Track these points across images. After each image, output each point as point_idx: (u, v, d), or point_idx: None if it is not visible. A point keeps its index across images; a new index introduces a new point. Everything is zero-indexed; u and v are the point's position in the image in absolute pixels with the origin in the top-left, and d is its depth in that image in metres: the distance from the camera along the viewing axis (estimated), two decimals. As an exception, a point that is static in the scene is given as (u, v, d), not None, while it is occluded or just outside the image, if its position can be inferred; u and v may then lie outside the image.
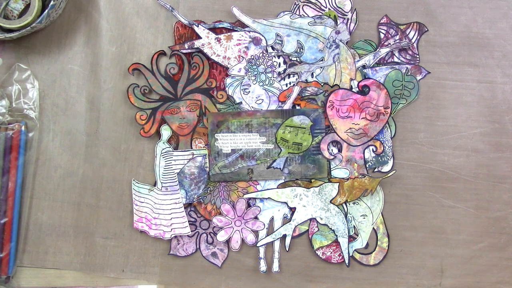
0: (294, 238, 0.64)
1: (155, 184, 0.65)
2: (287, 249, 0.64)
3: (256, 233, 0.64)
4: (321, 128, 0.65)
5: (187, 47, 0.66)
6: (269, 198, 0.64)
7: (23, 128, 0.64)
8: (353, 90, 0.65)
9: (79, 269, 0.64)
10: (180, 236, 0.64)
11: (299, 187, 0.64)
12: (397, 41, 0.67)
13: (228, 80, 0.66)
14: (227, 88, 0.66)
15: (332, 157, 0.65)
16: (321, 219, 0.64)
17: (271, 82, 0.66)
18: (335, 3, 0.67)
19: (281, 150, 0.65)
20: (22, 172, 0.64)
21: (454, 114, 0.66)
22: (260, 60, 0.66)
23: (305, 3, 0.67)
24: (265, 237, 0.64)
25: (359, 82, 0.65)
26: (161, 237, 0.64)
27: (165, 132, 0.65)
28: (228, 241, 0.64)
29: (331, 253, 0.64)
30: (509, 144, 0.66)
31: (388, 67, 0.66)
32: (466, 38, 0.68)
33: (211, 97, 0.66)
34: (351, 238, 0.64)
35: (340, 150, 0.65)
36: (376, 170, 0.65)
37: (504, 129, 0.66)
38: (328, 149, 0.65)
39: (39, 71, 0.67)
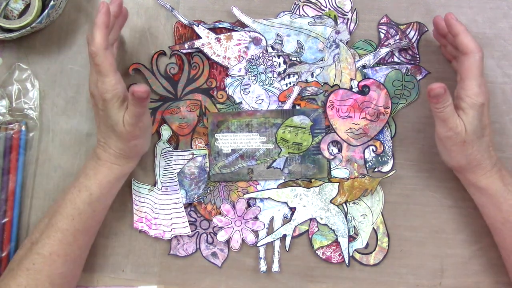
0: (294, 238, 0.64)
1: (155, 184, 0.65)
2: (287, 249, 0.64)
3: (256, 233, 0.64)
4: (321, 128, 0.65)
5: (187, 47, 0.66)
6: (269, 198, 0.64)
7: (23, 128, 0.65)
8: (353, 90, 0.65)
9: (79, 269, 0.64)
10: (180, 236, 0.64)
11: (299, 187, 0.64)
12: (397, 41, 0.67)
13: (228, 80, 0.66)
14: (227, 88, 0.66)
15: (332, 157, 0.65)
16: (321, 219, 0.64)
17: (271, 82, 0.66)
18: (335, 3, 0.67)
19: (281, 150, 0.65)
20: (22, 172, 0.64)
21: (454, 114, 0.66)
22: (260, 60, 0.66)
23: (305, 3, 0.67)
24: (265, 237, 0.64)
25: (359, 82, 0.65)
26: (161, 237, 0.64)
27: (165, 132, 0.65)
28: (228, 241, 0.64)
29: (331, 253, 0.64)
30: (509, 144, 0.65)
31: (388, 67, 0.66)
32: (466, 38, 0.67)
33: (211, 97, 0.66)
34: (351, 238, 0.64)
35: (340, 150, 0.65)
36: (376, 170, 0.65)
37: (504, 129, 0.66)
38: (328, 149, 0.65)
39: (39, 71, 0.67)
